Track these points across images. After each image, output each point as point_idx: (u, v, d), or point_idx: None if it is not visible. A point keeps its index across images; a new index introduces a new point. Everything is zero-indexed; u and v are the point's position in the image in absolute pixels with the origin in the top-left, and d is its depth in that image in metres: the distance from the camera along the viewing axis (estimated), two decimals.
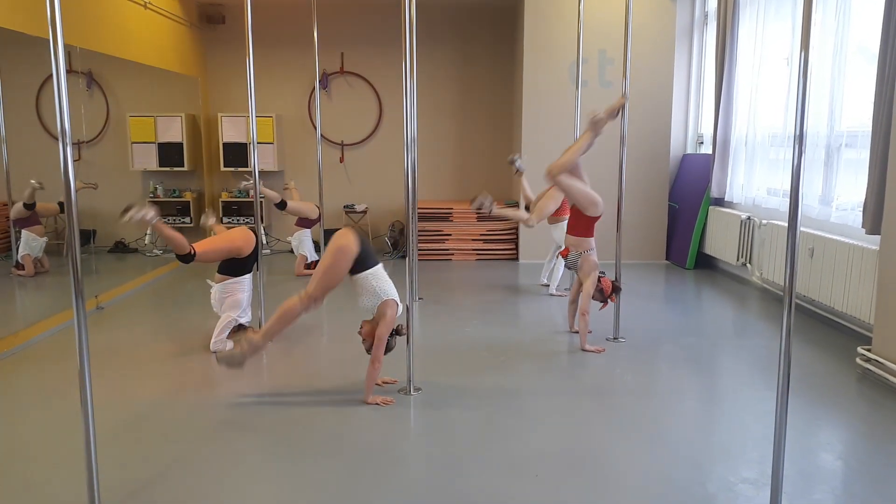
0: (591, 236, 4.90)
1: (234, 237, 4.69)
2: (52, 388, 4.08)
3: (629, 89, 4.95)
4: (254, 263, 4.77)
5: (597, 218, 4.84)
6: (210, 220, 5.45)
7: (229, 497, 2.85)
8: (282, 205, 7.13)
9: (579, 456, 3.21)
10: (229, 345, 4.48)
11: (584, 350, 4.69)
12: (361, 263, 3.75)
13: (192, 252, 4.39)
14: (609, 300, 4.82)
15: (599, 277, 4.79)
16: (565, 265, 5.09)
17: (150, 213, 4.07)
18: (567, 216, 5.55)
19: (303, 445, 3.32)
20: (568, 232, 4.99)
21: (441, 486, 2.93)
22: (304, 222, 7.37)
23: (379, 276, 3.80)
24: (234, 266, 4.66)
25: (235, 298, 4.68)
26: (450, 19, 8.82)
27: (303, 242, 7.38)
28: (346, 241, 3.75)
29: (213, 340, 4.58)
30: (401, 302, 3.82)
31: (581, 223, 4.87)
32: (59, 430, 3.49)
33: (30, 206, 5.69)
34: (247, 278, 4.75)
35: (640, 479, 2.97)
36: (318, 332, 5.26)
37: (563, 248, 5.04)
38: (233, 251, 4.61)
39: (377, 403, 3.74)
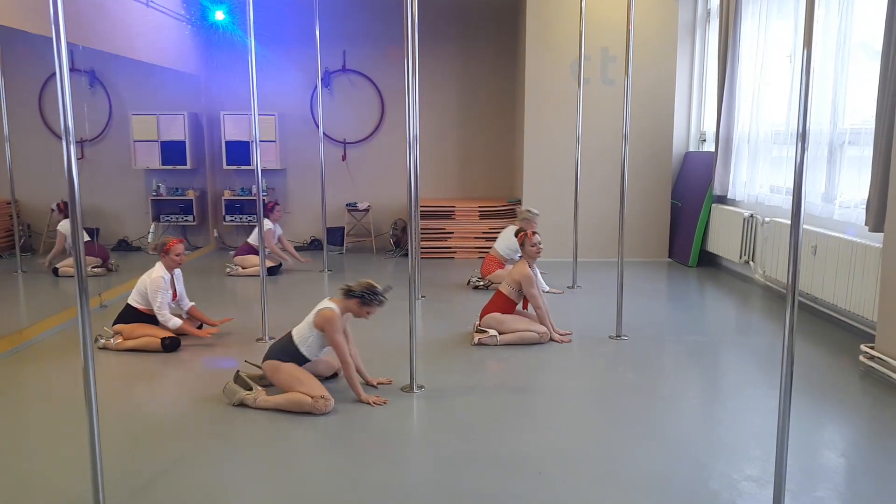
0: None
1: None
2: (56, 386, 4.09)
3: (631, 87, 4.93)
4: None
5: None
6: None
7: (233, 493, 2.85)
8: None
9: (582, 453, 3.21)
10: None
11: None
12: (292, 355, 3.76)
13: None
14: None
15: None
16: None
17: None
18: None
19: (305, 443, 3.32)
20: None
21: (443, 484, 2.93)
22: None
23: (298, 327, 3.80)
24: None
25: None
26: (452, 17, 8.82)
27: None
28: (284, 369, 3.72)
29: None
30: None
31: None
32: (63, 426, 3.50)
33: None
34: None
35: (643, 477, 2.97)
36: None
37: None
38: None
39: (370, 403, 3.74)
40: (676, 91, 7.93)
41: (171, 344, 4.67)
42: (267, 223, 7.07)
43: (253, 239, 7.26)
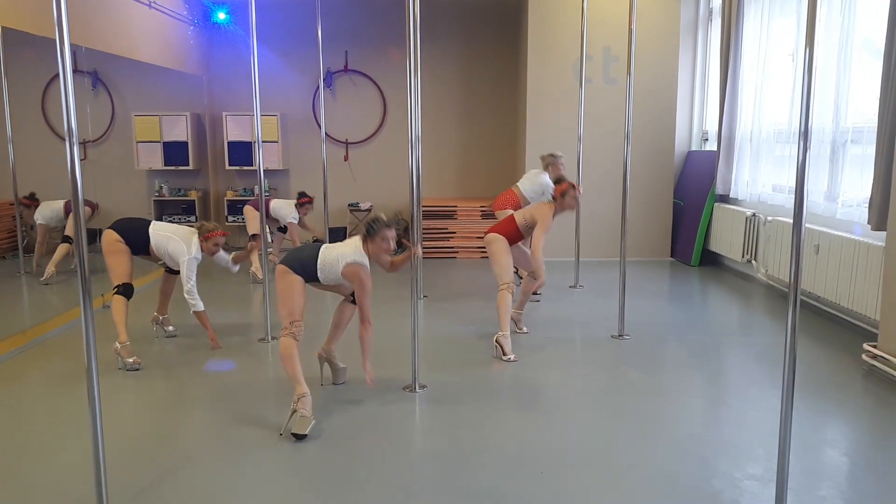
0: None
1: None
2: (59, 386, 4.10)
3: (633, 86, 4.93)
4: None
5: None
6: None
7: (236, 495, 2.86)
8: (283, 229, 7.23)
9: (584, 452, 3.21)
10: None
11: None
12: (309, 275, 3.67)
13: None
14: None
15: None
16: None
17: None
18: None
19: (308, 443, 3.33)
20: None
21: (446, 483, 2.94)
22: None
23: (328, 253, 3.68)
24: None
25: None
26: (454, 17, 8.82)
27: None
28: (289, 280, 3.63)
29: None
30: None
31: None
32: (66, 427, 3.51)
33: None
34: None
35: (646, 476, 2.97)
36: (322, 332, 5.26)
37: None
38: None
39: (369, 382, 3.65)
40: (679, 90, 7.92)
41: (126, 290, 4.50)
42: (296, 215, 7.13)
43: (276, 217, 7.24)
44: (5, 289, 5.73)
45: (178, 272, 4.96)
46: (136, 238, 4.64)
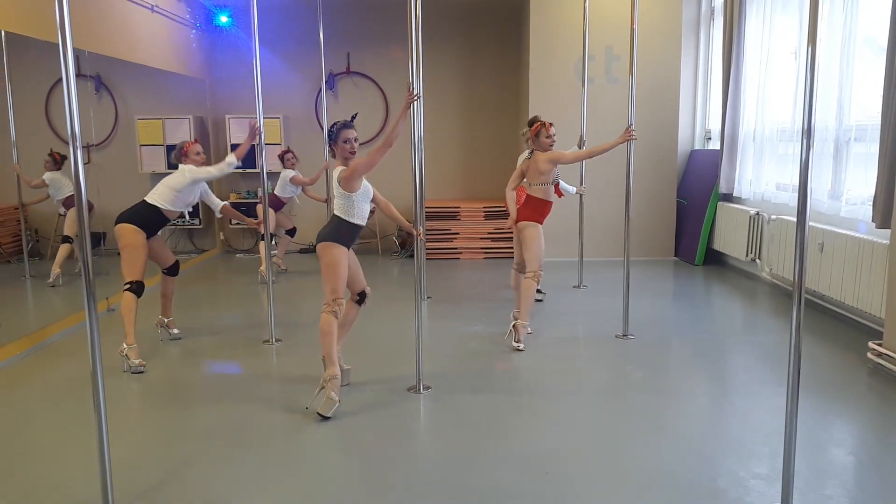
0: None
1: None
2: (65, 389, 4.11)
3: (636, 85, 4.93)
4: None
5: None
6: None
7: (241, 496, 2.86)
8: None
9: (589, 453, 3.21)
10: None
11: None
12: (354, 231, 3.84)
13: None
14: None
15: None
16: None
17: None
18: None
19: (313, 444, 3.33)
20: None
21: (451, 483, 2.93)
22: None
23: (344, 206, 3.81)
24: None
25: None
26: (455, 18, 8.82)
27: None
28: (332, 253, 3.76)
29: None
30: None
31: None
32: (72, 429, 3.52)
33: None
34: None
35: (651, 476, 2.97)
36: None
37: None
38: None
39: (418, 235, 3.96)
40: (681, 89, 7.91)
41: (138, 288, 4.55)
42: (288, 172, 7.36)
43: (279, 191, 7.40)
44: (10, 292, 5.75)
45: (174, 273, 4.99)
46: (147, 217, 4.67)
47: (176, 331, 5.08)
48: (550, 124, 4.92)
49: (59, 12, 2.37)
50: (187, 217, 4.97)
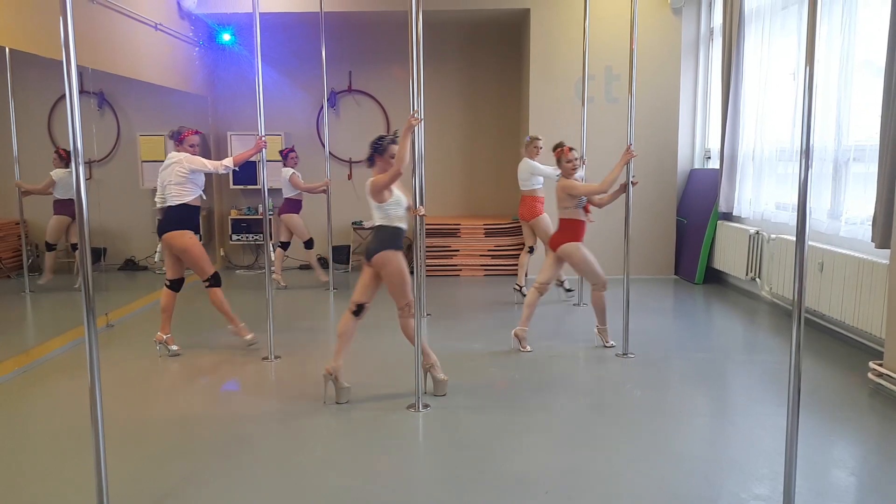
0: None
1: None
2: (63, 405, 4.09)
3: (635, 105, 4.96)
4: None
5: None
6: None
7: None
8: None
9: (589, 472, 3.19)
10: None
11: None
12: (401, 235, 4.06)
13: None
14: None
15: None
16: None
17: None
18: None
19: (311, 460, 3.31)
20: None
21: (450, 502, 2.91)
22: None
23: (385, 216, 4.05)
24: None
25: None
26: (456, 37, 8.89)
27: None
28: (395, 261, 3.97)
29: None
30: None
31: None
32: (70, 446, 3.50)
33: None
34: None
35: (651, 496, 2.95)
36: (326, 348, 5.26)
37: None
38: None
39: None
40: (681, 109, 7.96)
41: (216, 281, 5.04)
42: (288, 170, 7.43)
43: (287, 189, 7.47)
44: (10, 307, 5.74)
45: (177, 289, 5.00)
46: (183, 216, 5.01)
47: (175, 347, 5.07)
48: (570, 149, 5.14)
49: (64, 30, 2.39)
50: (203, 196, 5.14)
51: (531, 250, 6.85)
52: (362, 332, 4.06)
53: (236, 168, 5.09)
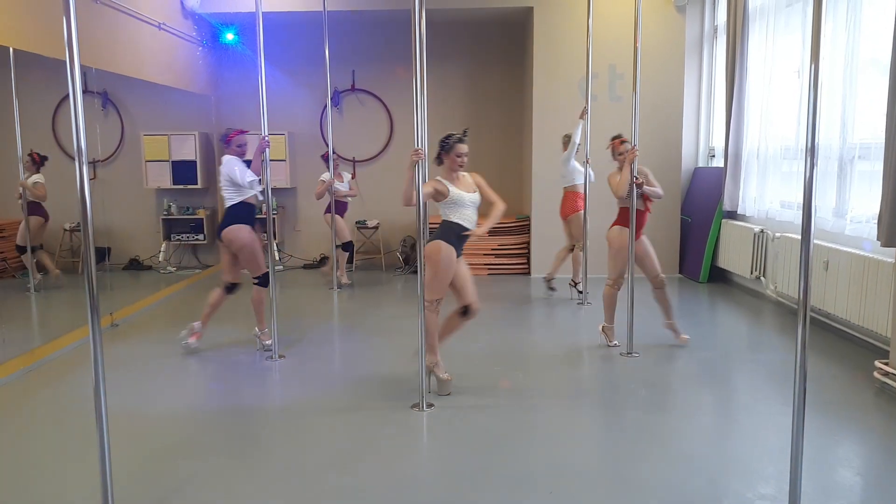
0: None
1: None
2: (68, 405, 4.10)
3: (639, 103, 4.95)
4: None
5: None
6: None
7: None
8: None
9: (594, 471, 3.19)
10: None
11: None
12: (459, 230, 4.20)
13: None
14: None
15: None
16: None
17: None
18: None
19: (315, 461, 3.32)
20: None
21: (454, 502, 2.91)
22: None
23: (445, 212, 4.25)
24: None
25: None
26: (460, 36, 8.88)
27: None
28: (433, 249, 4.11)
29: None
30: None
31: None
32: (75, 445, 3.51)
33: None
34: None
35: (656, 495, 2.94)
36: (330, 348, 5.27)
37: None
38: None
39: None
40: (685, 107, 7.94)
41: (264, 281, 5.01)
42: (326, 175, 7.39)
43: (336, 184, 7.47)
44: (15, 307, 5.76)
45: (232, 292, 5.13)
46: (240, 214, 5.00)
47: (269, 342, 5.05)
48: (620, 141, 5.13)
49: (67, 30, 2.39)
50: (259, 196, 5.13)
51: (572, 248, 6.85)
52: (364, 332, 4.05)
53: (258, 178, 5.02)
